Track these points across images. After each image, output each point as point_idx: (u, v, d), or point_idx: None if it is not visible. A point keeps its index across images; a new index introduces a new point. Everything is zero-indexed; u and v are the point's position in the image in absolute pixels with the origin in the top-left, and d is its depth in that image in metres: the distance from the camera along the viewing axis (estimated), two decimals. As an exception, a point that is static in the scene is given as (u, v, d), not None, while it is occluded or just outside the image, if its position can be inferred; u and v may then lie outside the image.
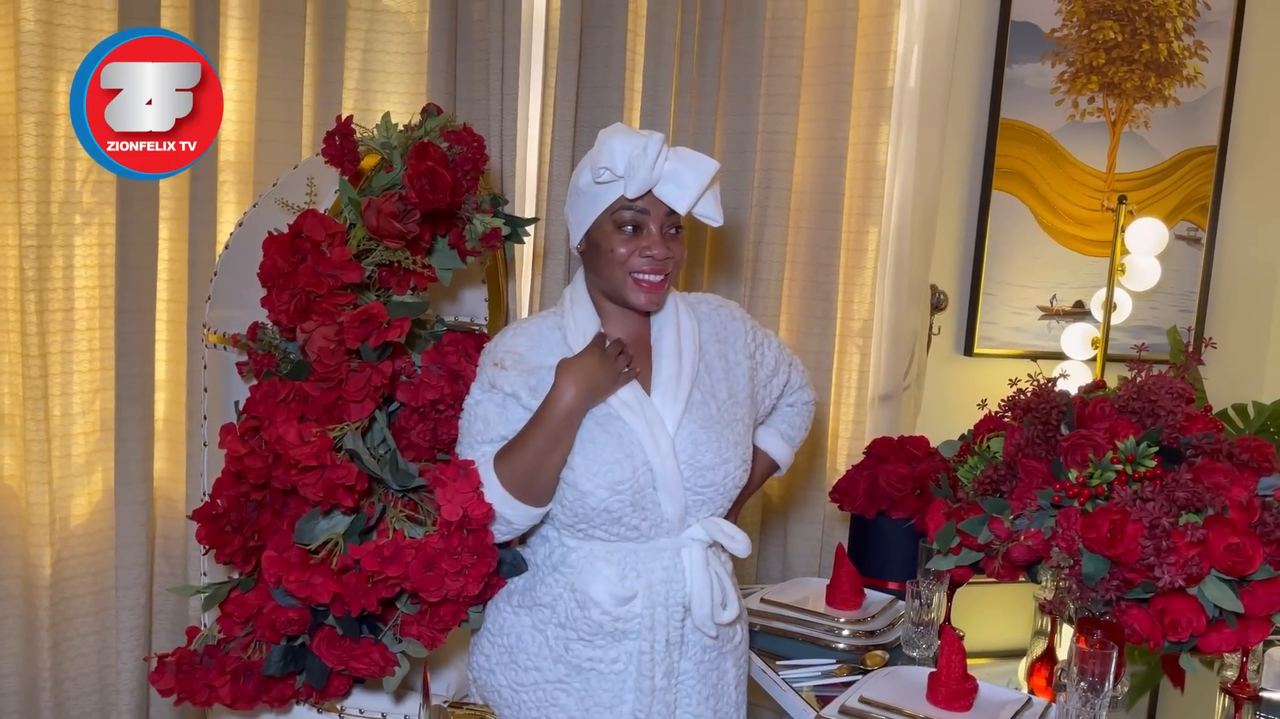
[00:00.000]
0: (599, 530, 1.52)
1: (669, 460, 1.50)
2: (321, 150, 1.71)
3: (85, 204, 2.12)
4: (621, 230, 1.51)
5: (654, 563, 1.53)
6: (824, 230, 2.54)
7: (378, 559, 1.47)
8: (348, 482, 1.49)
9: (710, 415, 1.55)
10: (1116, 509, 1.53)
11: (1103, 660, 1.46)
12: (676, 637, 1.54)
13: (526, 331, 1.58)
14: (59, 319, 2.10)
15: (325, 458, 1.48)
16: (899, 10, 2.50)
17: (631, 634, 1.52)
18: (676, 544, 1.55)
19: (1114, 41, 2.85)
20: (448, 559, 1.49)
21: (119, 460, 2.13)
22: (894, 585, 2.10)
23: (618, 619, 1.52)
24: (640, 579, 1.52)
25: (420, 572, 1.49)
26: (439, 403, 1.66)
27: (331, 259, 1.57)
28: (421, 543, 1.49)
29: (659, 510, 1.52)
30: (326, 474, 1.48)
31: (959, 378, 2.86)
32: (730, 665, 1.64)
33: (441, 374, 1.67)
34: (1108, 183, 2.91)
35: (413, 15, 2.26)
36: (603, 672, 1.54)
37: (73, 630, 2.17)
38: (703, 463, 1.52)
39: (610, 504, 1.49)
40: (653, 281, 1.51)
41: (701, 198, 1.51)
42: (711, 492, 1.55)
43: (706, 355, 1.60)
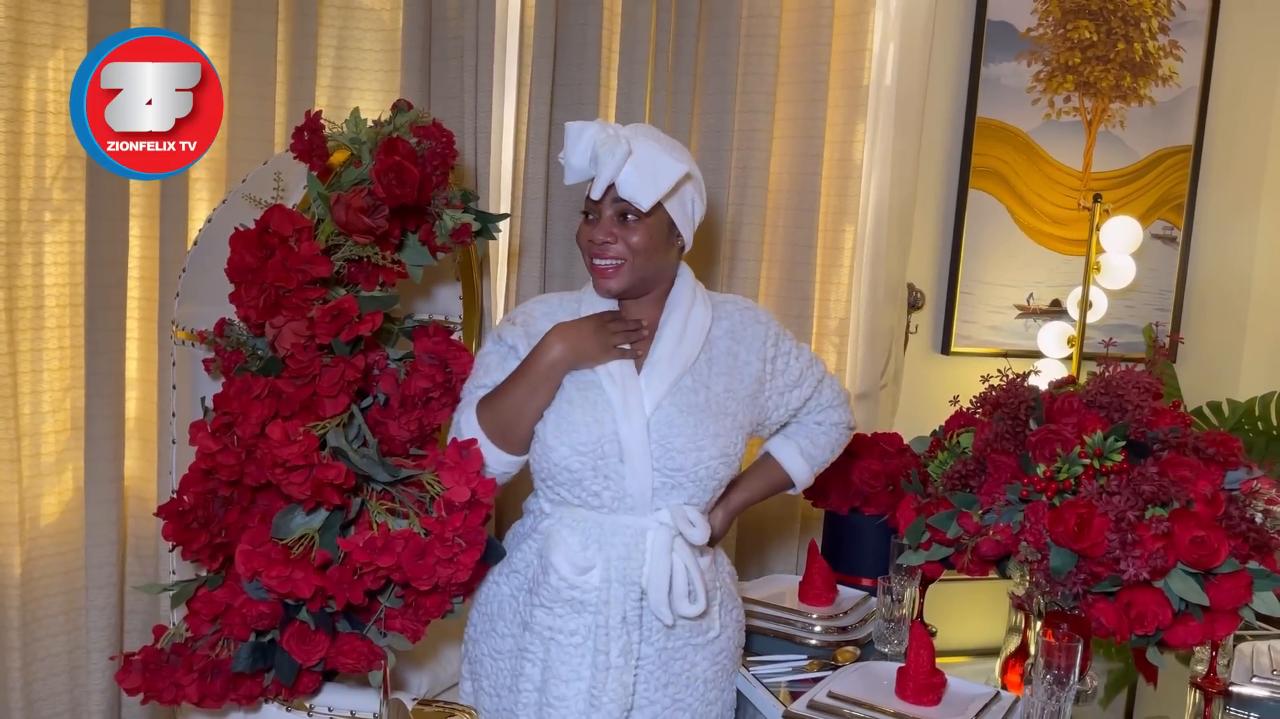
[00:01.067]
0: (565, 491, 1.58)
1: (639, 434, 1.53)
2: (290, 145, 1.70)
3: (55, 201, 2.11)
4: (585, 218, 1.59)
5: (616, 538, 1.56)
6: (800, 229, 2.54)
7: (369, 550, 1.48)
8: (336, 480, 1.49)
9: (696, 403, 1.57)
10: (1084, 503, 1.54)
11: (1068, 653, 1.47)
12: (635, 617, 1.56)
13: (546, 300, 1.68)
14: (28, 316, 2.08)
15: (313, 457, 1.48)
16: (875, 9, 2.50)
17: (590, 607, 1.55)
18: (642, 524, 1.56)
19: (1089, 41, 2.87)
20: (439, 547, 1.50)
21: (89, 459, 2.11)
22: (867, 582, 2.10)
23: (574, 588, 1.55)
24: (600, 552, 1.56)
25: (412, 561, 1.50)
26: (430, 390, 1.67)
27: (300, 253, 1.56)
28: (411, 532, 1.49)
29: (623, 483, 1.55)
30: (315, 473, 1.48)
31: (937, 376, 2.86)
32: (701, 659, 1.63)
33: (434, 362, 1.68)
34: (1084, 182, 2.92)
35: (386, 12, 2.26)
36: (561, 643, 1.56)
37: (43, 630, 2.16)
38: (673, 445, 1.55)
39: (571, 463, 1.55)
40: (601, 267, 1.56)
41: (620, 177, 1.51)
42: (682, 477, 1.56)
43: (713, 349, 1.62)
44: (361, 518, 1.55)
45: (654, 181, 1.52)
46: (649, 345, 1.61)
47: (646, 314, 1.63)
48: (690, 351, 1.59)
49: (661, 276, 1.62)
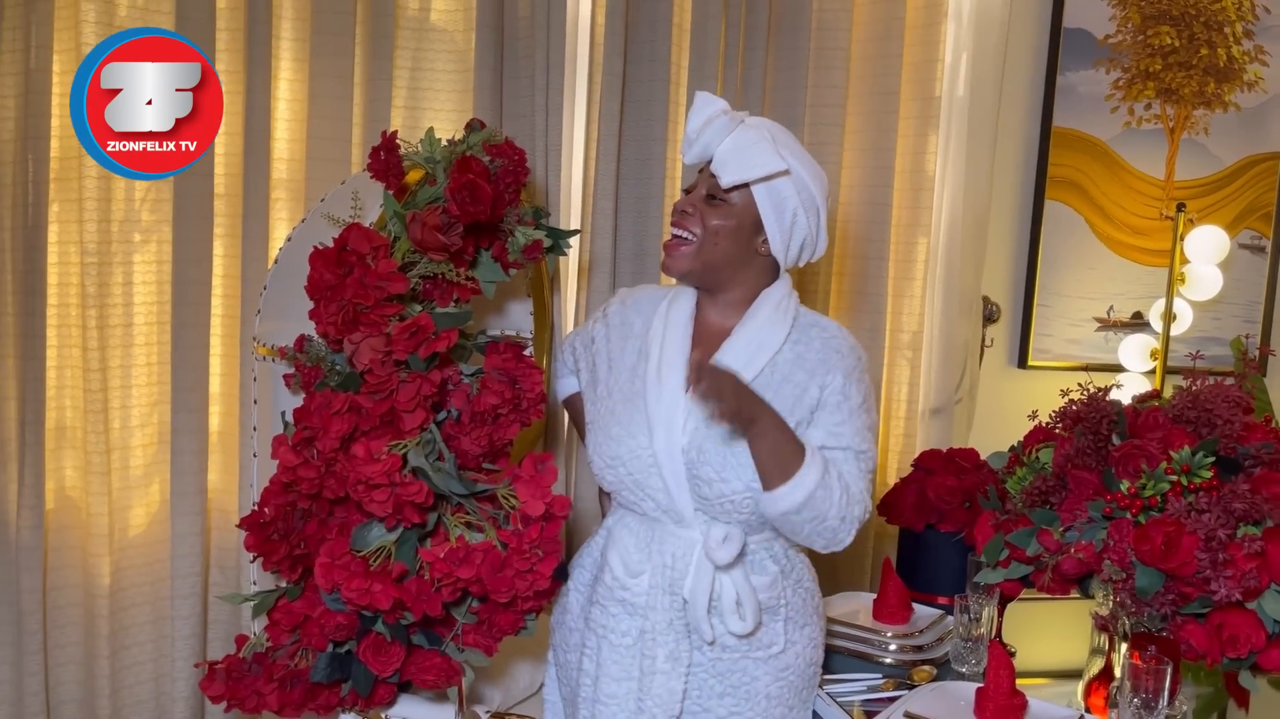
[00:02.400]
0: (622, 496, 1.60)
1: (674, 456, 1.51)
2: (367, 165, 1.74)
3: (144, 222, 2.18)
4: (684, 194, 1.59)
5: (666, 546, 1.55)
6: (872, 241, 2.52)
7: (450, 562, 1.50)
8: (418, 499, 1.52)
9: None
10: (1171, 521, 1.49)
11: (1157, 677, 1.42)
12: (682, 624, 1.54)
13: (645, 289, 1.69)
14: (119, 334, 2.16)
15: (395, 476, 1.51)
16: (946, 19, 2.47)
17: (639, 610, 1.56)
18: (693, 537, 1.54)
19: (1171, 47, 2.80)
20: (517, 559, 1.51)
21: (175, 472, 2.17)
22: (943, 600, 2.06)
23: (625, 589, 1.56)
24: (650, 559, 1.56)
25: (491, 573, 1.51)
26: (500, 407, 1.68)
27: (377, 270, 1.59)
28: (490, 545, 1.51)
29: (667, 499, 1.54)
30: (397, 492, 1.51)
31: (1013, 391, 2.80)
32: (763, 674, 1.57)
33: (503, 379, 1.69)
34: (1166, 191, 2.84)
35: (459, 33, 2.30)
36: (613, 643, 1.57)
37: (130, 639, 2.22)
38: (699, 474, 1.51)
39: (605, 475, 1.58)
40: (671, 239, 1.55)
41: (701, 139, 1.50)
42: (715, 505, 1.51)
43: (774, 373, 1.53)
44: (438, 531, 1.57)
45: (744, 162, 1.49)
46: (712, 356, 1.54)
47: (723, 320, 1.58)
48: (746, 377, 1.50)
49: (739, 279, 1.56)
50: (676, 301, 1.60)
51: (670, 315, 1.58)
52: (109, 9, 2.06)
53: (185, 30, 2.07)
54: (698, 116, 1.51)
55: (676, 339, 1.56)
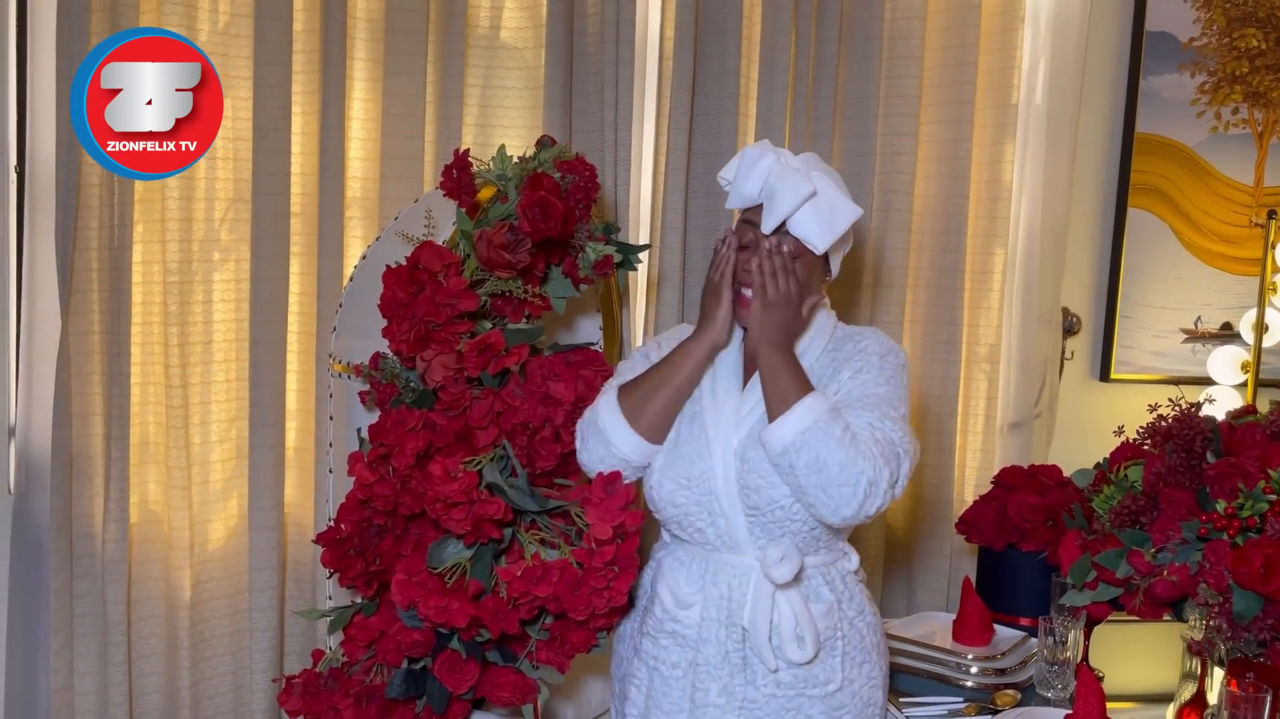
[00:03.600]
0: (675, 527, 1.58)
1: (726, 470, 1.51)
2: (440, 183, 1.75)
3: (223, 241, 2.23)
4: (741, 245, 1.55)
5: (720, 576, 1.54)
6: (947, 253, 2.47)
7: (527, 580, 1.51)
8: (496, 515, 1.54)
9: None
10: (1270, 543, 1.43)
11: (1256, 705, 1.36)
12: (738, 658, 1.52)
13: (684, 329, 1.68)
14: (199, 351, 2.20)
15: (473, 493, 1.52)
16: (1023, 25, 2.42)
17: (690, 642, 1.54)
18: (748, 564, 1.53)
19: (1258, 49, 2.70)
20: (594, 577, 1.52)
21: (252, 486, 2.21)
22: (1025, 621, 2.00)
23: (675, 621, 1.55)
24: (702, 590, 1.54)
25: (568, 591, 1.52)
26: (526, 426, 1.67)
27: (448, 288, 1.60)
28: (567, 563, 1.52)
29: (727, 520, 1.52)
30: (475, 509, 1.51)
31: (1095, 404, 2.72)
32: (818, 713, 1.53)
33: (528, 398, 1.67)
34: (1256, 197, 2.74)
35: (529, 50, 2.31)
36: (664, 674, 1.56)
37: (210, 651, 2.26)
38: (748, 483, 1.50)
39: (676, 498, 1.54)
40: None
41: (794, 218, 1.50)
42: (766, 517, 1.50)
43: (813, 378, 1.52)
44: (512, 548, 1.57)
45: (831, 224, 1.51)
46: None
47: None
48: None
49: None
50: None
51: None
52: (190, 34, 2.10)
53: (263, 53, 2.11)
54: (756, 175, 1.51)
55: (730, 363, 1.58)
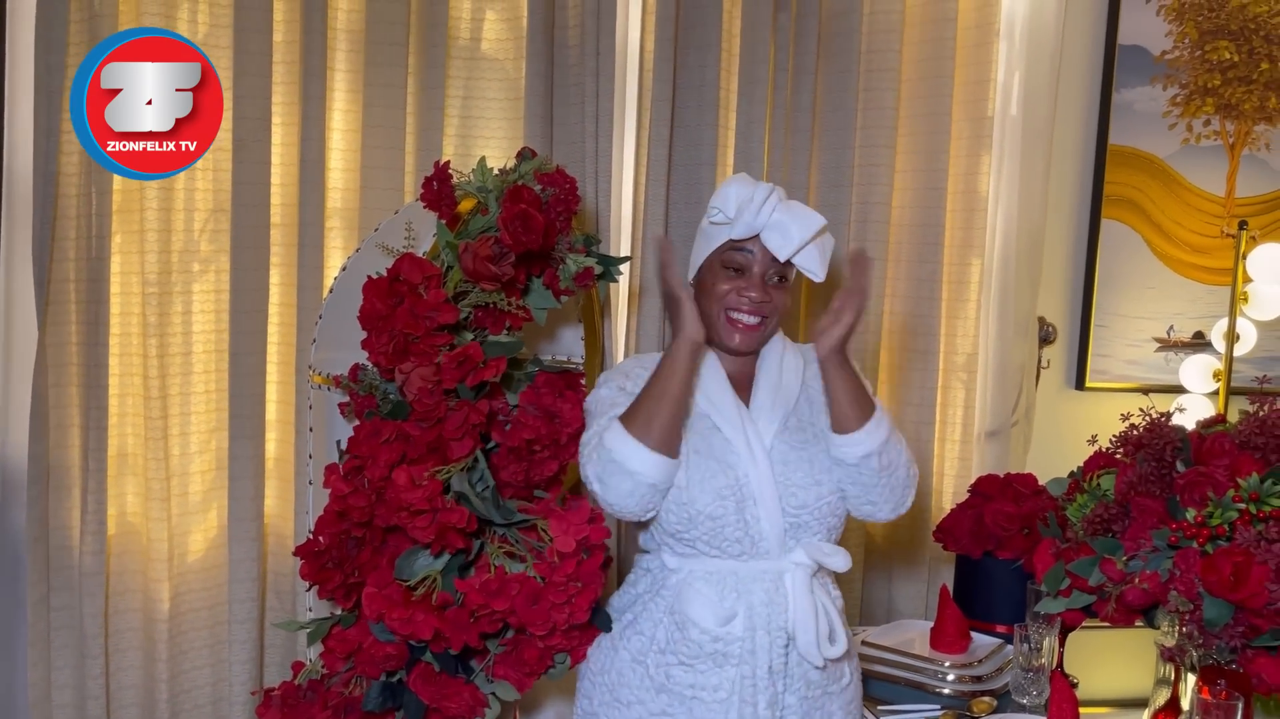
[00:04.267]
0: (702, 543, 1.55)
1: (765, 474, 1.54)
2: (420, 195, 1.76)
3: (203, 252, 2.22)
4: (726, 270, 1.59)
5: (755, 584, 1.54)
6: (924, 263, 2.49)
7: (485, 593, 1.50)
8: (460, 524, 1.53)
9: (804, 439, 1.59)
10: (1240, 551, 1.45)
11: (1227, 712, 1.38)
12: (780, 664, 1.53)
13: (642, 360, 1.69)
14: (178, 362, 2.20)
15: (436, 501, 1.51)
16: (998, 38, 2.45)
17: (733, 659, 1.52)
18: (779, 568, 1.55)
19: (1230, 62, 2.74)
20: (553, 592, 1.50)
21: (232, 498, 2.20)
22: (1001, 629, 2.02)
23: (717, 640, 1.52)
24: (741, 600, 1.53)
25: (526, 605, 1.51)
26: (535, 443, 1.67)
27: (428, 301, 1.60)
28: (526, 576, 1.51)
29: (759, 526, 1.53)
30: (439, 517, 1.51)
31: (1070, 413, 2.75)
32: (837, 709, 1.59)
33: (538, 414, 1.69)
34: (1227, 208, 2.78)
35: (510, 62, 2.32)
36: (705, 700, 1.53)
37: (189, 663, 2.25)
38: (794, 481, 1.55)
39: (715, 510, 1.53)
40: (747, 323, 1.58)
41: (803, 249, 1.56)
42: (806, 514, 1.55)
43: (809, 391, 1.65)
44: (481, 560, 1.57)
45: (824, 255, 1.59)
46: (748, 395, 1.62)
47: (741, 366, 1.65)
48: (790, 395, 1.61)
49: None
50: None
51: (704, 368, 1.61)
52: (170, 45, 2.10)
53: (243, 63, 2.11)
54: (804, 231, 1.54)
55: (721, 383, 1.61)
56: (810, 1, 2.37)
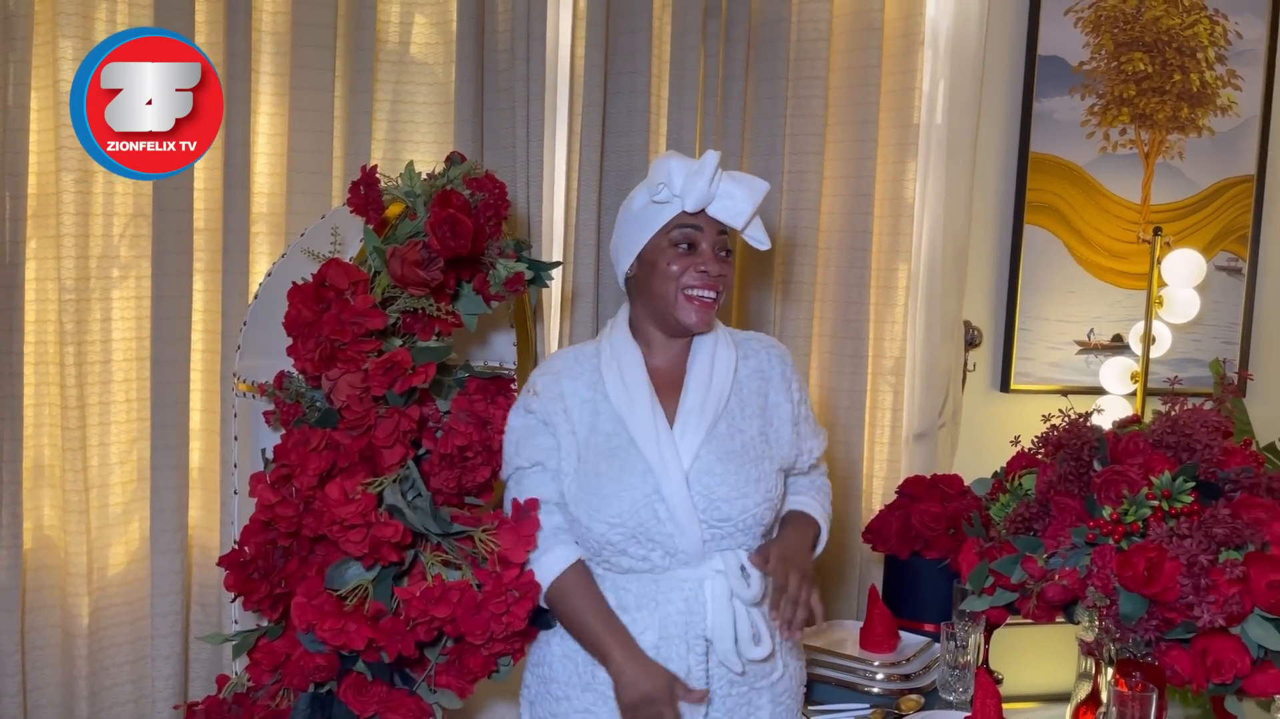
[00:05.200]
0: (614, 560, 1.54)
1: (680, 491, 1.51)
2: (347, 200, 1.74)
3: (123, 258, 2.17)
4: (676, 248, 1.56)
5: (673, 594, 1.53)
6: (853, 268, 2.53)
7: (425, 601, 1.49)
8: (394, 539, 1.51)
9: (732, 449, 1.55)
10: (1153, 547, 1.49)
11: (1142, 704, 1.42)
12: (701, 671, 1.52)
13: (563, 356, 1.65)
14: (97, 371, 2.14)
15: (370, 516, 1.50)
16: (923, 47, 2.50)
17: None
18: (698, 576, 1.53)
19: (1144, 73, 2.83)
20: (494, 600, 1.50)
21: (155, 509, 2.15)
22: (930, 627, 2.06)
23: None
24: (656, 611, 1.53)
25: (467, 614, 1.50)
26: (467, 449, 1.66)
27: (355, 307, 1.59)
28: (467, 584, 1.50)
29: (672, 542, 1.52)
30: (373, 532, 1.49)
31: (996, 415, 2.81)
32: (766, 702, 1.59)
33: (470, 420, 1.68)
34: (1143, 215, 2.87)
35: (439, 66, 2.31)
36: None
37: (110, 679, 2.19)
38: (717, 494, 1.52)
39: (611, 537, 1.52)
40: (704, 298, 1.56)
41: (753, 219, 1.57)
42: (729, 526, 1.54)
43: (742, 390, 1.61)
44: (415, 569, 1.56)
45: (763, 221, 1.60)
46: (678, 395, 1.58)
47: (673, 359, 1.62)
48: (720, 396, 1.58)
49: None
50: (621, 357, 1.59)
51: (624, 372, 1.58)
52: (86, 46, 2.05)
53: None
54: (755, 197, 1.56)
55: (641, 386, 1.57)
56: (739, 10, 2.39)
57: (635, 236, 1.59)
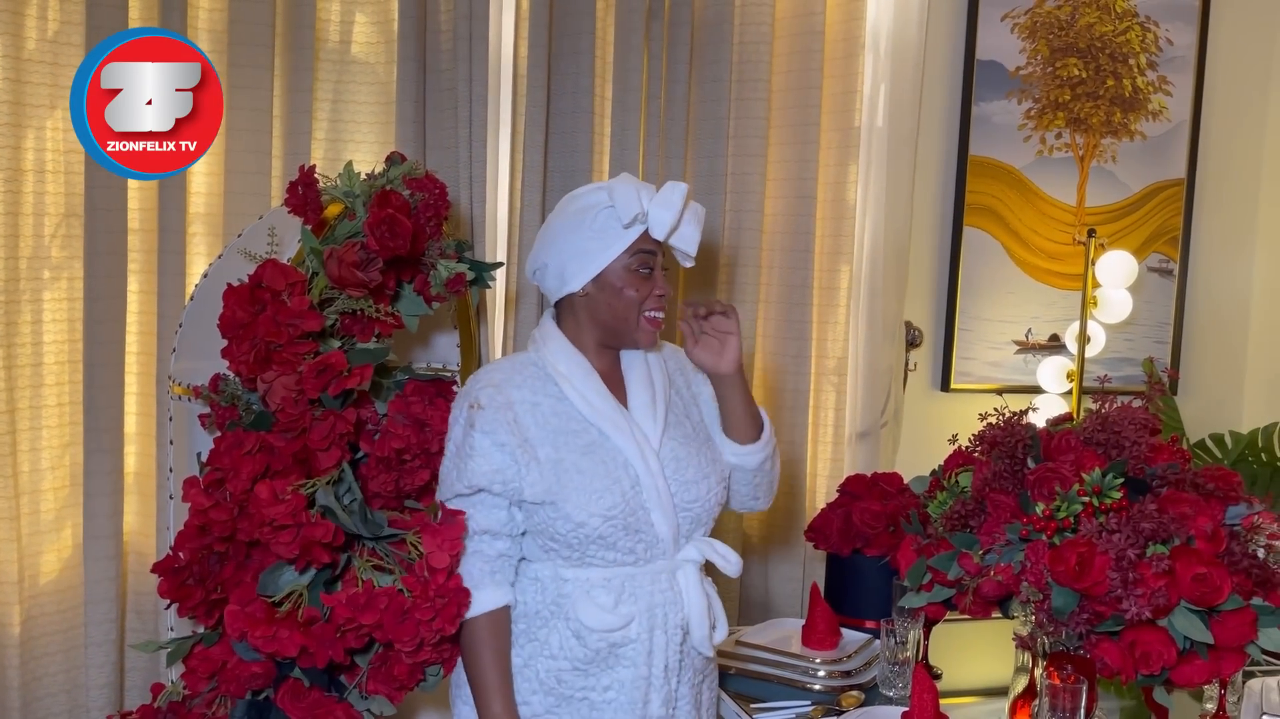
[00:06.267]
0: (595, 558, 1.54)
1: (658, 478, 1.56)
2: (285, 200, 1.71)
3: (54, 259, 2.12)
4: (637, 274, 1.58)
5: (651, 586, 1.57)
6: (796, 270, 2.55)
7: (351, 607, 1.47)
8: (325, 539, 1.49)
9: (687, 434, 1.64)
10: (1084, 542, 1.52)
11: (1073, 695, 1.45)
12: (675, 662, 1.58)
13: (501, 367, 1.61)
14: (27, 374, 2.09)
15: (300, 516, 1.48)
16: (864, 51, 2.53)
17: (627, 660, 1.54)
18: (672, 566, 1.59)
19: (1079, 78, 2.89)
20: (422, 606, 1.48)
21: (88, 515, 2.11)
22: (871, 624, 2.08)
23: (615, 645, 1.54)
24: (638, 603, 1.55)
25: (394, 621, 1.48)
26: (404, 452, 1.65)
27: (291, 308, 1.57)
28: (395, 590, 1.48)
29: (653, 531, 1.56)
30: (303, 532, 1.47)
31: (937, 414, 2.85)
32: (706, 688, 1.68)
33: (407, 423, 1.66)
34: (1078, 217, 2.93)
35: (381, 65, 2.29)
36: (593, 701, 1.55)
37: (42, 689, 2.14)
38: (687, 477, 1.59)
39: (604, 530, 1.52)
40: (659, 319, 1.62)
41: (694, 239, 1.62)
42: (698, 508, 1.60)
43: (677, 386, 1.70)
44: (348, 574, 1.54)
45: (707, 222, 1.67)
46: (623, 396, 1.61)
47: (608, 361, 1.64)
48: (663, 390, 1.65)
49: None
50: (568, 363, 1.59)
51: (575, 377, 1.58)
52: (16, 40, 2.01)
53: (96, 63, 2.03)
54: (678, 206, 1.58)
55: (599, 387, 1.59)
56: (682, 11, 2.40)
57: (593, 257, 1.55)
